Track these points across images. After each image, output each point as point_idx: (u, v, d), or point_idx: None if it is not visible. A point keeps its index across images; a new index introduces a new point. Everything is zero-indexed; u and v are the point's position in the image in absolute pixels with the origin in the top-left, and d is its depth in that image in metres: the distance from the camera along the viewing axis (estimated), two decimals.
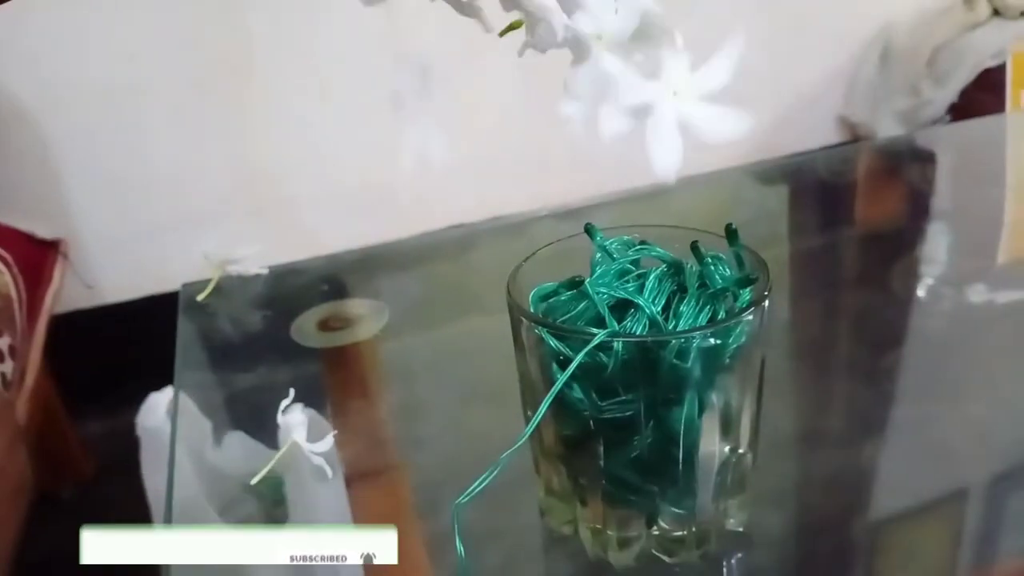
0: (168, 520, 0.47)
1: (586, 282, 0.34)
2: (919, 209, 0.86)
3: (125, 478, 0.93)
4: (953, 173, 0.96)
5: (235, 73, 1.37)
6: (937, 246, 0.77)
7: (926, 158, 1.03)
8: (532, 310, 0.35)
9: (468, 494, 0.30)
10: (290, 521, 0.47)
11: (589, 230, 0.34)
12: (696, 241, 0.35)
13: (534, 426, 0.31)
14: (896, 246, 0.75)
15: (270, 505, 0.49)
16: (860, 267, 0.73)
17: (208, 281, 0.69)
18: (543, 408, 0.31)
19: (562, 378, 0.30)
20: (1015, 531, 0.43)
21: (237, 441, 0.54)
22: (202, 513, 0.49)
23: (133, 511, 0.93)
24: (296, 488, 0.50)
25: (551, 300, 0.36)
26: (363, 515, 0.48)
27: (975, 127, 1.17)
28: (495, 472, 0.30)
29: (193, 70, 1.35)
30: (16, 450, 0.91)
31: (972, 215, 0.81)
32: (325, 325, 0.63)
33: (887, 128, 1.70)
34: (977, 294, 0.64)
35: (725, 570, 0.39)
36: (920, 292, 0.67)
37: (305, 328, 0.63)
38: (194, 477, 0.52)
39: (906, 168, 1.00)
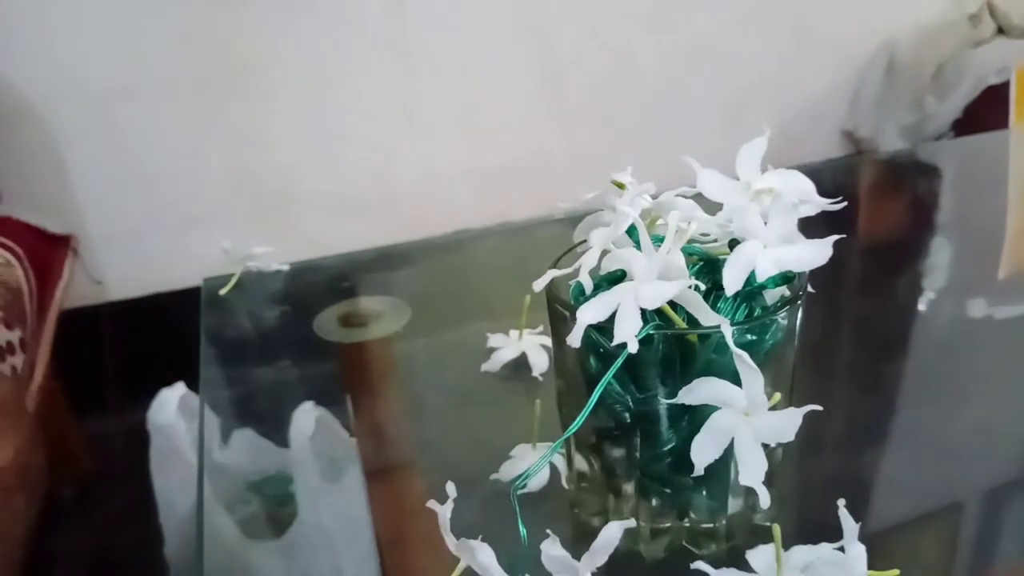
0: (200, 517, 0.47)
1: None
2: (921, 222, 0.87)
3: (129, 475, 0.94)
4: (955, 187, 0.96)
5: (242, 72, 1.38)
6: (938, 260, 0.78)
7: (929, 172, 1.04)
8: (574, 303, 0.36)
9: (522, 479, 0.30)
10: (297, 520, 0.47)
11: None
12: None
13: (584, 419, 0.32)
14: (898, 259, 0.76)
15: (276, 504, 0.50)
16: (862, 279, 0.74)
17: (229, 276, 0.69)
18: (593, 399, 0.32)
19: (610, 372, 0.31)
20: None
21: (245, 439, 0.55)
22: (210, 511, 0.49)
23: (136, 508, 0.94)
24: (304, 487, 0.51)
25: (591, 294, 0.36)
26: (381, 510, 0.48)
27: (978, 142, 1.18)
28: (549, 457, 0.31)
29: (200, 68, 1.35)
30: (36, 444, 0.91)
31: (974, 229, 0.82)
32: (347, 321, 0.64)
33: (890, 142, 1.72)
34: (977, 308, 0.65)
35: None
36: (921, 306, 0.68)
37: (327, 323, 0.63)
38: (209, 474, 0.52)
39: (909, 181, 1.00)
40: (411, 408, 0.57)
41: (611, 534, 0.34)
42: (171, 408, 0.93)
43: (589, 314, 0.33)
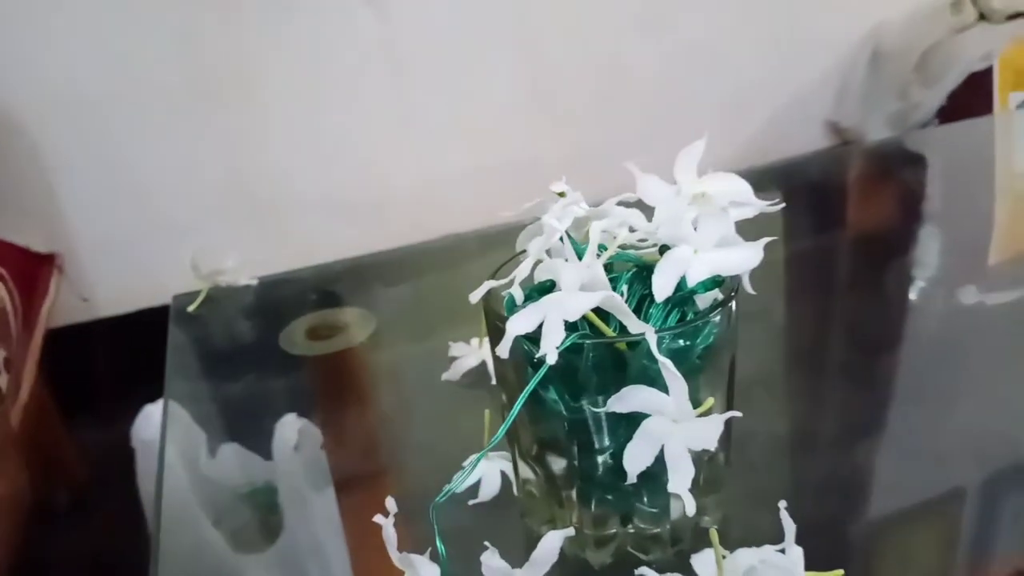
0: (157, 530, 0.48)
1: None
2: (910, 211, 0.87)
3: (121, 490, 0.94)
4: (943, 175, 0.96)
5: (229, 82, 1.37)
6: (928, 248, 0.77)
7: (916, 160, 1.04)
8: (507, 314, 0.36)
9: (444, 494, 0.30)
10: (284, 531, 0.48)
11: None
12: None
13: (505, 429, 0.32)
14: (887, 248, 0.76)
15: (264, 514, 0.50)
16: (851, 270, 0.74)
17: (198, 292, 0.70)
18: (515, 411, 0.32)
19: (532, 382, 0.31)
20: (1008, 533, 0.43)
21: (231, 451, 0.55)
22: (196, 523, 0.50)
23: (128, 523, 0.94)
24: (290, 497, 0.51)
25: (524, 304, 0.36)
26: (351, 522, 0.48)
27: (964, 129, 1.18)
28: (469, 473, 0.31)
29: (187, 79, 1.35)
30: (8, 463, 0.91)
31: (962, 216, 0.81)
32: (314, 334, 0.64)
33: (876, 132, 1.71)
34: (968, 296, 0.65)
35: None
36: (911, 294, 0.67)
37: (294, 337, 0.64)
38: (188, 487, 0.53)
39: (896, 170, 1.00)
40: (371, 420, 0.58)
41: (550, 545, 0.34)
42: (155, 423, 0.93)
43: (518, 325, 0.33)
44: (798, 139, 1.78)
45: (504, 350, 0.32)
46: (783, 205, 0.39)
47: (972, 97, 1.58)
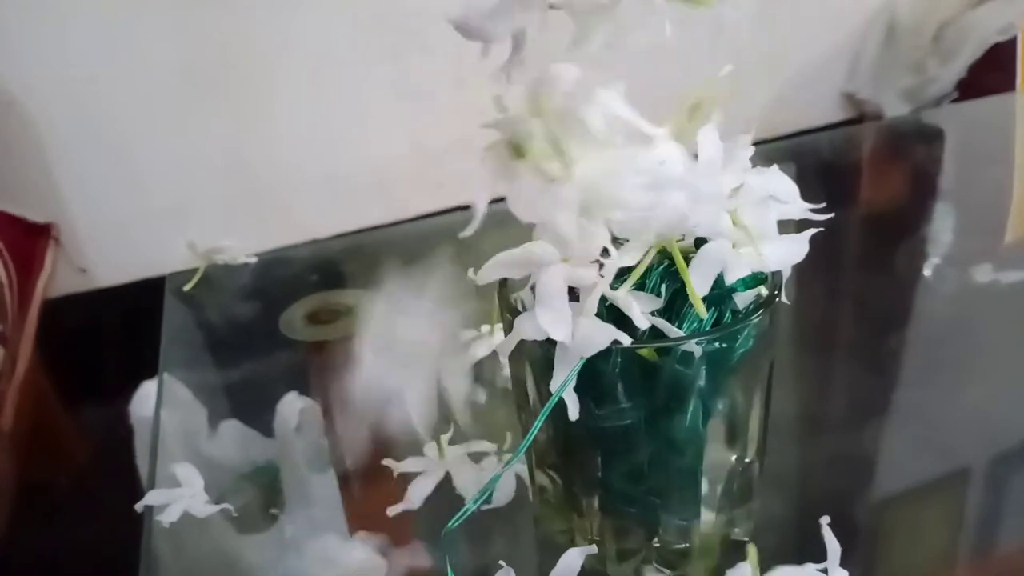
0: (150, 510, 0.46)
1: None
2: (925, 189, 0.85)
3: (120, 466, 0.92)
4: (960, 153, 0.95)
5: (228, 55, 1.35)
6: (943, 226, 0.76)
7: (933, 138, 1.02)
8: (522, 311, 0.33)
9: (458, 518, 0.28)
10: (286, 511, 0.46)
11: None
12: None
13: (527, 444, 0.29)
14: (902, 227, 0.74)
15: (266, 494, 0.48)
16: (865, 248, 0.72)
17: (194, 271, 0.67)
18: (537, 425, 0.29)
19: (557, 393, 0.28)
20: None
21: (232, 430, 0.54)
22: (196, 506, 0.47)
23: (128, 501, 0.92)
24: (292, 478, 0.49)
25: None
26: (354, 513, 0.46)
27: (983, 106, 1.17)
28: (484, 496, 0.28)
29: (185, 53, 1.32)
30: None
31: (979, 195, 0.80)
32: (314, 318, 0.61)
33: (893, 105, 1.67)
34: (983, 274, 0.64)
35: None
36: (926, 272, 0.66)
37: (294, 321, 0.61)
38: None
39: (912, 148, 0.98)
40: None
41: (570, 561, 0.31)
42: (153, 400, 0.92)
43: (527, 328, 0.30)
44: (811, 112, 1.74)
45: (504, 351, 0.30)
46: (831, 216, 0.35)
47: (993, 70, 1.53)
